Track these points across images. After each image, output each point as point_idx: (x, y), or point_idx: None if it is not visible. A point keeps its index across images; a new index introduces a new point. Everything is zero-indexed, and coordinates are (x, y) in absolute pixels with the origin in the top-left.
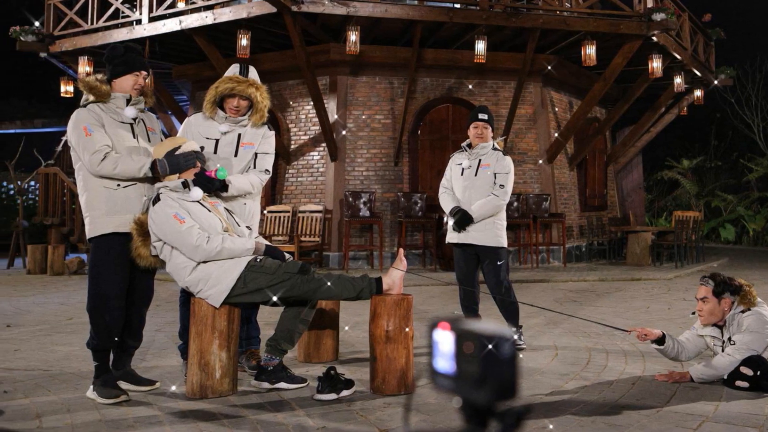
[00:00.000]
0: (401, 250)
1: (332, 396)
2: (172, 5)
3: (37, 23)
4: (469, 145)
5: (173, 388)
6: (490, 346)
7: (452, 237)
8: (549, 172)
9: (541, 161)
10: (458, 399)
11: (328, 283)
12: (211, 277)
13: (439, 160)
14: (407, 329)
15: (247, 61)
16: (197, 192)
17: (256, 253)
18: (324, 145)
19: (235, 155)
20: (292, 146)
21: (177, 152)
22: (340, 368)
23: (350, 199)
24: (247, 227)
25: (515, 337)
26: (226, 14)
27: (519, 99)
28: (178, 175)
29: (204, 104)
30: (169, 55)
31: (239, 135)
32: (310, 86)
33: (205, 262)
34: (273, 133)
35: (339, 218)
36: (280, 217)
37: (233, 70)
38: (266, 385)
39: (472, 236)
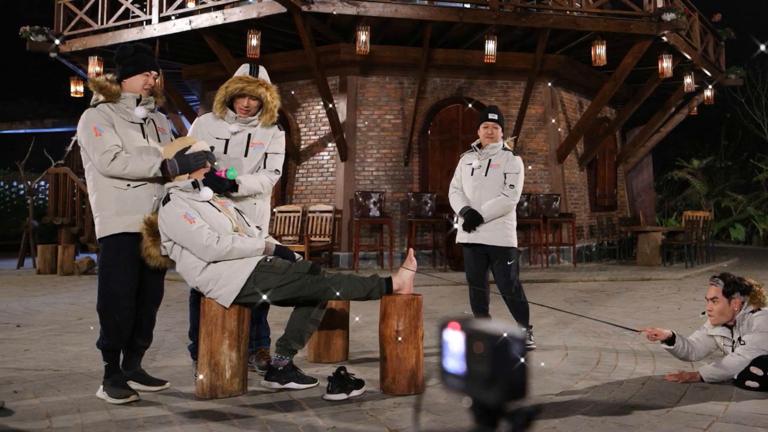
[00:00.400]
0: (411, 250)
1: (342, 396)
2: (182, 5)
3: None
4: (479, 145)
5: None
6: (500, 346)
7: (462, 237)
8: (559, 172)
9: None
10: (468, 399)
11: (338, 286)
12: (221, 277)
13: (449, 160)
14: (411, 330)
15: (257, 61)
16: (207, 192)
17: (266, 253)
18: (334, 145)
19: (245, 155)
20: (302, 146)
21: (187, 152)
22: (350, 368)
23: (360, 199)
24: (257, 227)
25: (525, 337)
26: (236, 14)
27: (529, 99)
28: (188, 175)
29: (214, 104)
30: (179, 55)
31: (249, 135)
32: (320, 86)
33: (215, 262)
34: (283, 133)
35: (349, 218)
36: (290, 217)
37: (243, 70)
38: (276, 385)
39: (482, 236)
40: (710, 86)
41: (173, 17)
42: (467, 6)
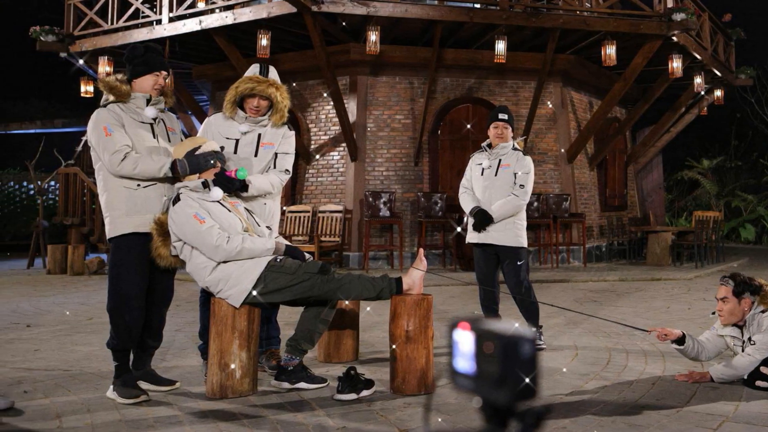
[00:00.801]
0: (421, 250)
1: (352, 396)
2: (192, 5)
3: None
4: (490, 145)
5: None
6: (509, 346)
7: (472, 237)
8: (569, 172)
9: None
10: (478, 399)
11: (348, 286)
12: (231, 277)
13: (459, 160)
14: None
15: (267, 61)
16: (217, 192)
17: (276, 253)
18: (344, 145)
19: (255, 155)
20: (312, 146)
21: (197, 152)
22: (360, 368)
23: (370, 199)
24: (267, 227)
25: (535, 337)
26: (246, 14)
27: (539, 99)
28: (198, 175)
29: (224, 104)
30: (189, 55)
31: (259, 135)
32: (330, 86)
33: (225, 262)
34: (293, 133)
35: (359, 218)
36: (300, 217)
37: (253, 70)
38: (286, 385)
39: (492, 236)
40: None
41: (186, 17)
42: (477, 6)
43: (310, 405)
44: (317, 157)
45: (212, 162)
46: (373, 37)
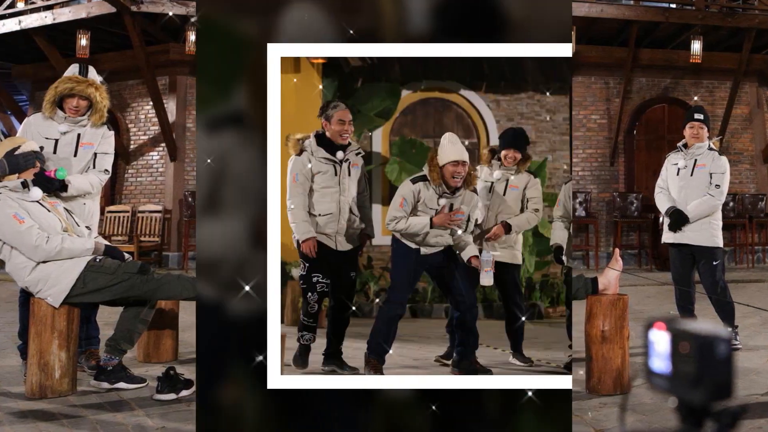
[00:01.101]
0: (617, 250)
1: (171, 396)
2: (12, 5)
3: None
4: (685, 145)
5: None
6: (706, 346)
7: (668, 237)
8: (765, 173)
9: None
10: (674, 399)
11: (167, 286)
12: (51, 277)
13: (655, 160)
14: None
15: (86, 61)
16: (37, 192)
17: (95, 253)
18: (163, 145)
19: (75, 155)
20: (132, 146)
21: (16, 152)
22: (179, 368)
23: (190, 199)
24: (87, 227)
25: (731, 336)
26: (65, 14)
27: (735, 99)
28: (17, 175)
29: (43, 104)
30: (8, 54)
31: (79, 135)
32: (150, 86)
33: (44, 262)
34: (112, 133)
35: (178, 218)
36: (119, 217)
37: (73, 70)
38: (106, 385)
39: (687, 236)
40: None
41: (5, 17)
42: (673, 6)
43: (129, 405)
44: (138, 158)
45: (31, 162)
46: (192, 37)
